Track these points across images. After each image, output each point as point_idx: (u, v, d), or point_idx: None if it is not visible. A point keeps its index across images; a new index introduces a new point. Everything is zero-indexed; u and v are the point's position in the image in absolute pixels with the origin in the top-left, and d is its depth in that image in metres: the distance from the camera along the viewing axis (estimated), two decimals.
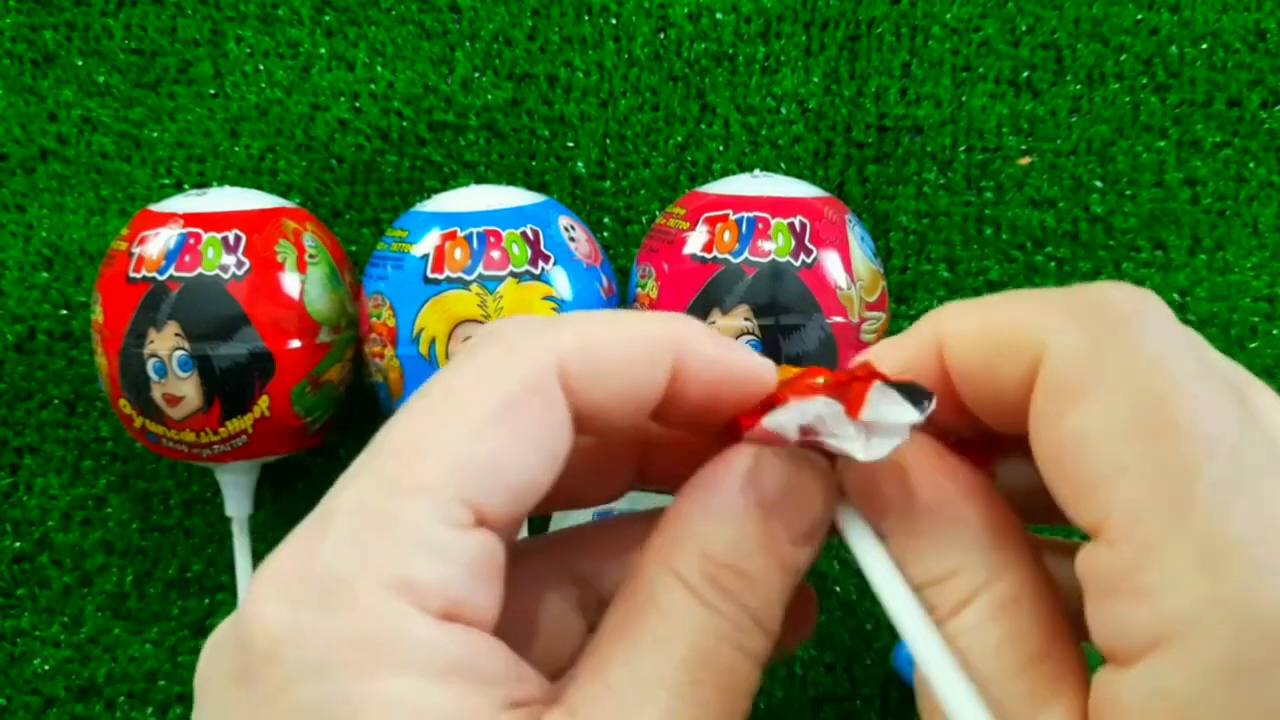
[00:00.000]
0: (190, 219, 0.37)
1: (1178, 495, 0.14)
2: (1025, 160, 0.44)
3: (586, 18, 0.45)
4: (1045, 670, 0.16)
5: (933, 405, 0.17)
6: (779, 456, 0.18)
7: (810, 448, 0.18)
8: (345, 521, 0.16)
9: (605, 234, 0.45)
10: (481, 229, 0.37)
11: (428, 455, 0.16)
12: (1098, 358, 0.16)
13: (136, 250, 0.37)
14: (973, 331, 0.18)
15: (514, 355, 0.17)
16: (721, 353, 0.18)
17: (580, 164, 0.45)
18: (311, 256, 0.38)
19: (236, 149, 0.45)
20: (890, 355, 0.19)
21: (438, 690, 0.15)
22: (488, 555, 0.16)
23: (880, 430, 0.17)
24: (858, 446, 0.17)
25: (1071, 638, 0.17)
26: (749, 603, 0.17)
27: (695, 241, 0.37)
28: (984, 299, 0.19)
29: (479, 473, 0.16)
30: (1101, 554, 0.15)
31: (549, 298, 0.36)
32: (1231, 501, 0.14)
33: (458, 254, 0.36)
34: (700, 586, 0.17)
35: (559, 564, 0.21)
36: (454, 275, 0.36)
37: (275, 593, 0.16)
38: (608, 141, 0.45)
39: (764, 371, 0.19)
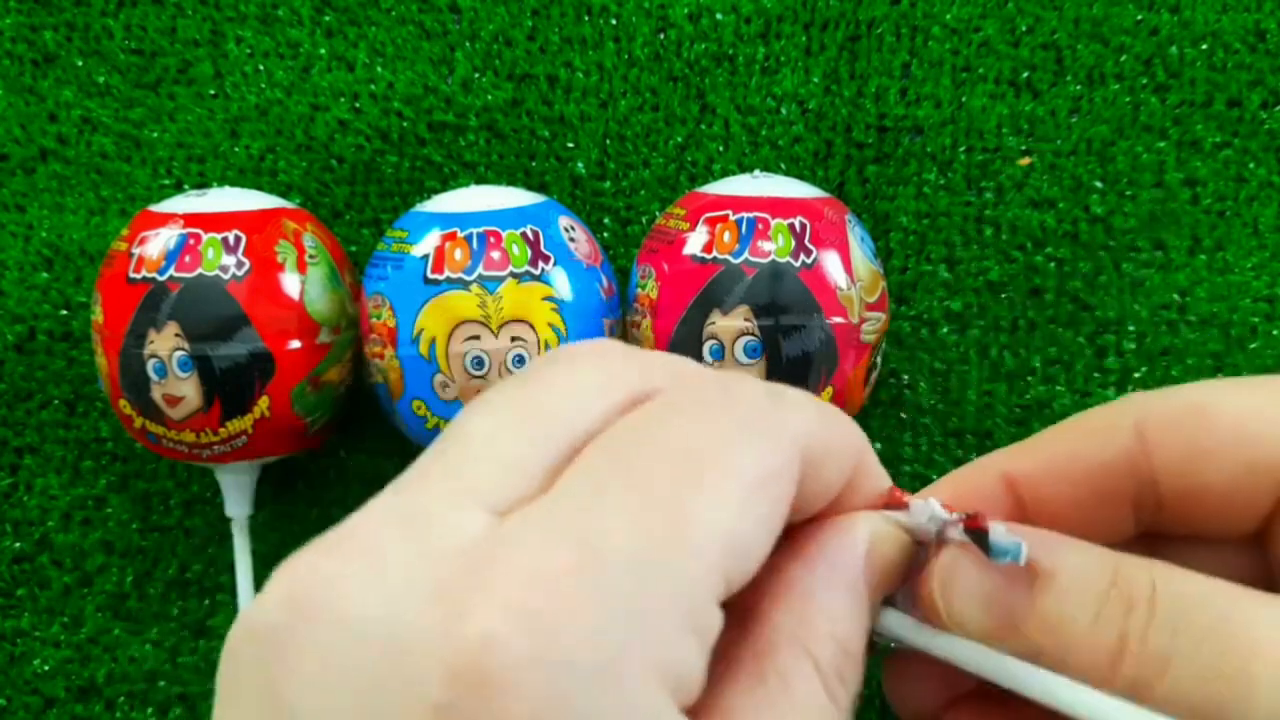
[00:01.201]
0: (190, 219, 0.37)
1: None
2: (1025, 161, 0.44)
3: (586, 18, 0.45)
4: (1234, 589, 0.17)
5: (1022, 558, 0.17)
6: (889, 538, 0.18)
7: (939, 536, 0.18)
8: (622, 573, 0.13)
9: (605, 234, 0.45)
10: (481, 229, 0.37)
11: (701, 518, 0.14)
12: (1197, 389, 0.17)
13: (136, 250, 0.37)
14: (1046, 450, 0.19)
15: (768, 427, 0.16)
16: (883, 472, 0.19)
17: (580, 164, 0.45)
18: (311, 257, 0.38)
19: (236, 149, 0.45)
20: (951, 490, 0.20)
21: None
22: (717, 632, 0.15)
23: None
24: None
25: None
26: (854, 689, 0.17)
27: (695, 242, 0.37)
28: (1033, 436, 0.19)
29: (736, 548, 0.15)
30: None
31: (549, 298, 0.36)
32: None
33: (458, 254, 0.36)
34: (830, 676, 0.17)
35: None
36: (454, 276, 0.36)
37: (535, 643, 0.12)
38: (608, 142, 0.45)
39: (888, 498, 0.20)
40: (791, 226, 0.37)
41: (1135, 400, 0.18)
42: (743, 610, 0.17)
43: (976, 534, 0.17)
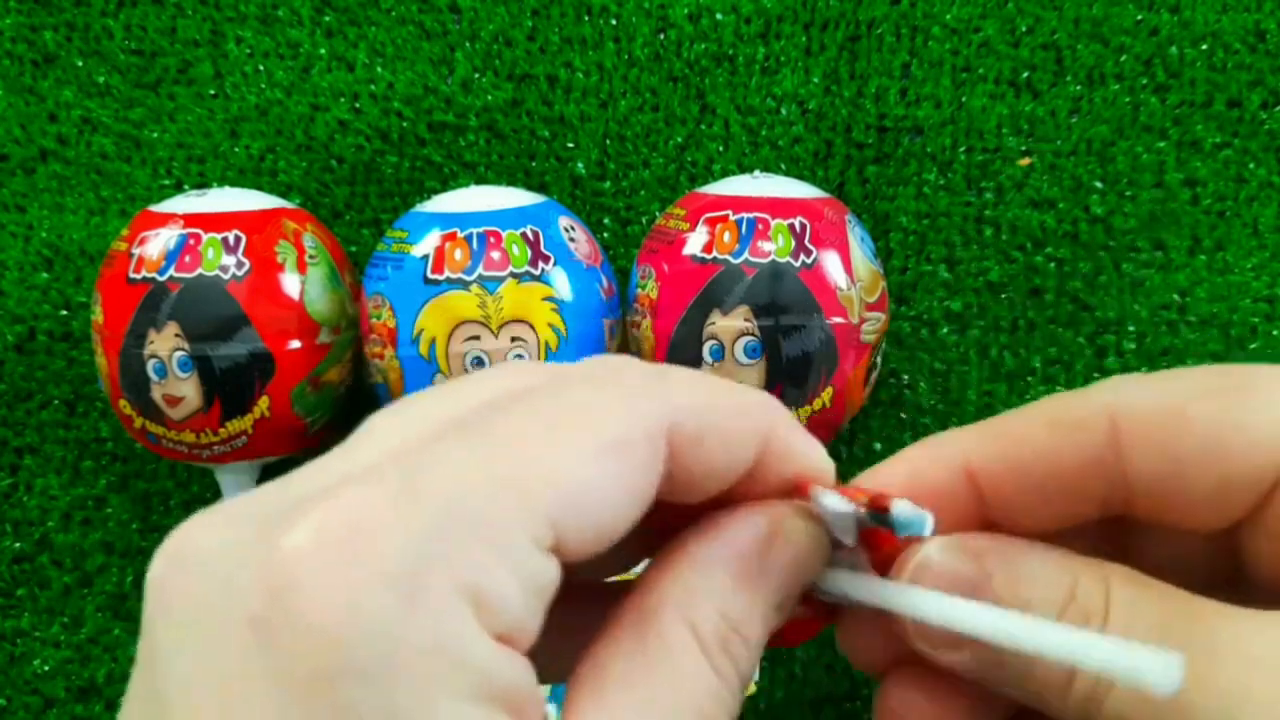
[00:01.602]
0: (190, 219, 0.37)
1: None
2: (1025, 161, 0.44)
3: (586, 18, 0.45)
4: (1208, 602, 0.17)
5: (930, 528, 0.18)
6: (797, 529, 0.18)
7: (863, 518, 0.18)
8: (437, 504, 0.14)
9: (605, 234, 0.45)
10: (481, 229, 0.37)
11: (535, 465, 0.15)
12: (1174, 380, 0.17)
13: (136, 251, 0.37)
14: (1013, 441, 0.19)
15: (634, 398, 0.16)
16: (805, 447, 0.19)
17: (580, 165, 0.45)
18: (311, 257, 0.38)
19: (236, 149, 0.45)
20: (906, 474, 0.20)
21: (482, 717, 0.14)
22: (551, 586, 0.15)
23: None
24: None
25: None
26: (744, 670, 0.17)
27: (695, 242, 0.37)
28: (993, 419, 0.19)
29: (574, 501, 0.15)
30: None
31: (549, 298, 0.36)
32: None
33: (458, 254, 0.36)
34: (714, 649, 0.17)
35: None
36: (454, 276, 0.36)
37: (340, 554, 0.13)
38: (608, 142, 0.45)
39: (829, 474, 0.19)
40: (791, 226, 0.37)
41: (1108, 393, 0.18)
42: (641, 589, 0.18)
43: (880, 516, 0.17)
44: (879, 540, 0.18)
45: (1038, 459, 0.18)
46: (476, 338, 0.36)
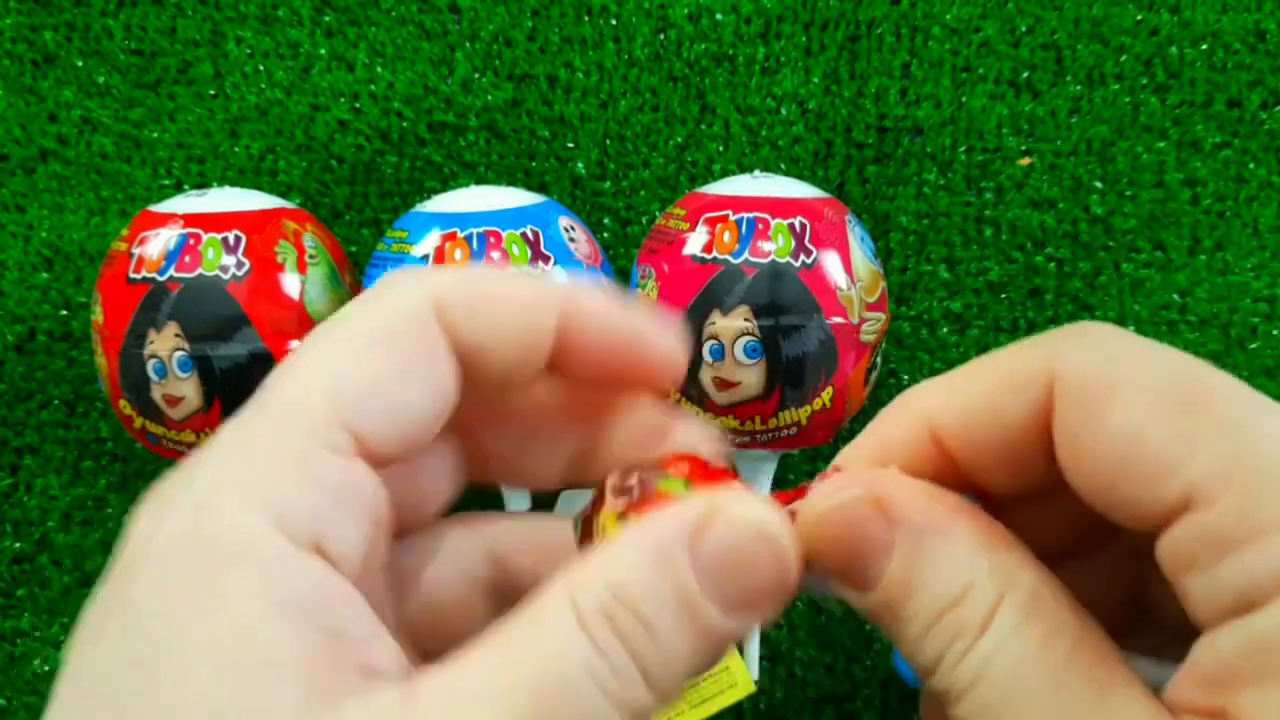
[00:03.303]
0: (190, 219, 0.37)
1: (1255, 445, 0.15)
2: (1025, 161, 0.44)
3: (586, 18, 0.45)
4: (1092, 653, 0.16)
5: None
6: (734, 522, 0.17)
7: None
8: (220, 443, 0.16)
9: (605, 234, 0.45)
10: (481, 229, 0.37)
11: (301, 379, 0.16)
12: (1113, 362, 0.16)
13: (136, 251, 0.37)
14: (963, 399, 0.18)
15: (389, 291, 0.17)
16: (612, 311, 0.18)
17: (580, 164, 0.45)
18: (311, 257, 0.38)
19: (236, 149, 0.45)
20: (877, 442, 0.19)
21: (274, 624, 0.14)
22: (361, 488, 0.16)
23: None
24: None
25: (1095, 623, 0.17)
26: (642, 652, 0.16)
27: (695, 242, 0.37)
28: (954, 372, 0.19)
29: (355, 395, 0.16)
30: (1198, 522, 0.15)
31: None
32: None
33: (458, 254, 0.36)
34: (590, 618, 0.16)
35: (478, 544, 0.20)
36: None
37: (148, 506, 0.16)
38: (608, 142, 0.45)
39: (661, 338, 0.19)
40: (791, 226, 0.37)
41: (1050, 347, 0.17)
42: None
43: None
44: None
45: (988, 415, 0.18)
46: None
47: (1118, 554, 0.19)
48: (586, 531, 0.18)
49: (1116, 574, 0.20)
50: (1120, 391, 0.16)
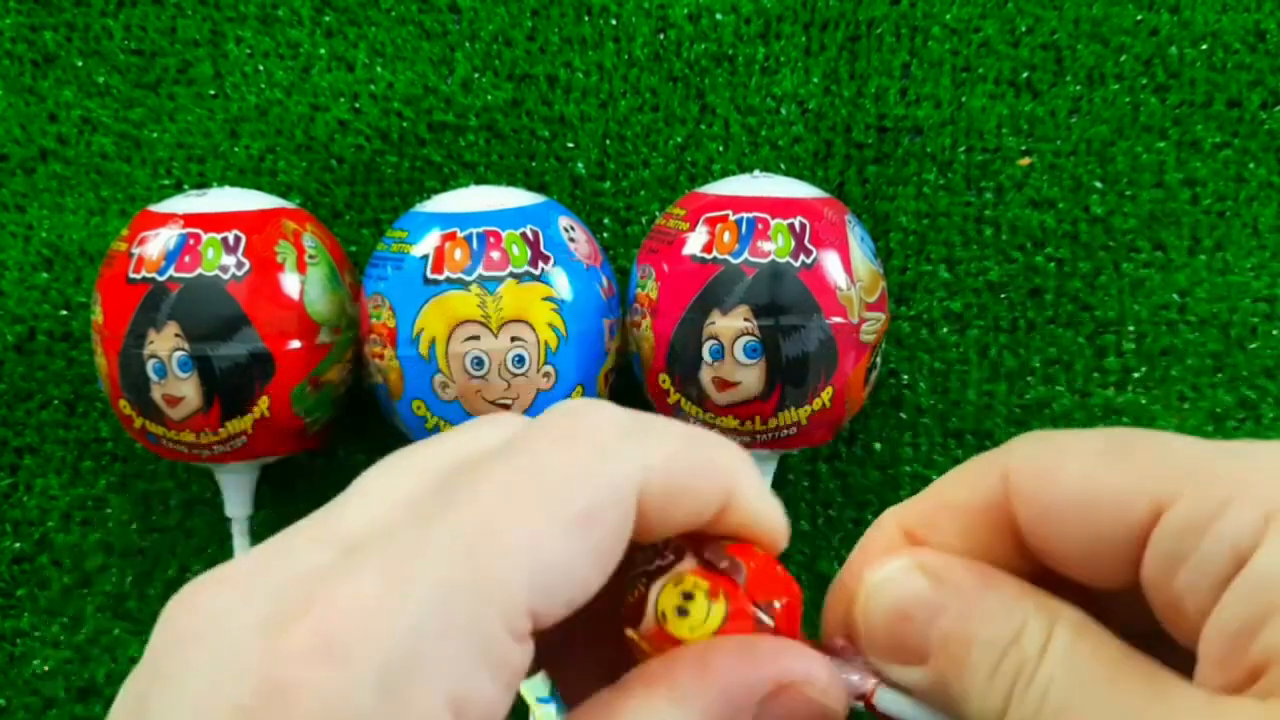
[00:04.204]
0: (190, 219, 0.37)
1: (1197, 454, 0.16)
2: (1025, 161, 0.44)
3: (586, 18, 0.45)
4: (1142, 660, 0.16)
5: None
6: (803, 700, 0.17)
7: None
8: (421, 605, 0.14)
9: (605, 234, 0.45)
10: (481, 229, 0.37)
11: (511, 551, 0.15)
12: (1054, 438, 0.17)
13: (136, 251, 0.37)
14: (926, 504, 0.19)
15: (605, 461, 0.16)
16: (765, 507, 0.18)
17: (580, 164, 0.45)
18: (311, 257, 0.38)
19: (236, 149, 0.46)
20: (863, 556, 0.20)
21: None
22: (524, 668, 0.16)
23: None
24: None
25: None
26: None
27: (695, 242, 0.37)
28: (923, 491, 0.19)
29: (550, 584, 0.15)
30: (1171, 520, 0.16)
31: (549, 298, 0.36)
32: None
33: (457, 254, 0.36)
34: None
35: None
36: (454, 276, 0.36)
37: (329, 657, 0.14)
38: (608, 142, 0.45)
39: (782, 539, 0.19)
40: (791, 226, 0.37)
41: (1013, 445, 0.18)
42: (616, 689, 0.17)
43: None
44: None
45: (949, 509, 0.19)
46: (476, 338, 0.36)
47: None
48: (638, 604, 0.18)
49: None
50: (1067, 453, 0.17)
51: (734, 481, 0.18)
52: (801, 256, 0.36)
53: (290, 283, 0.37)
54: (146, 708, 0.15)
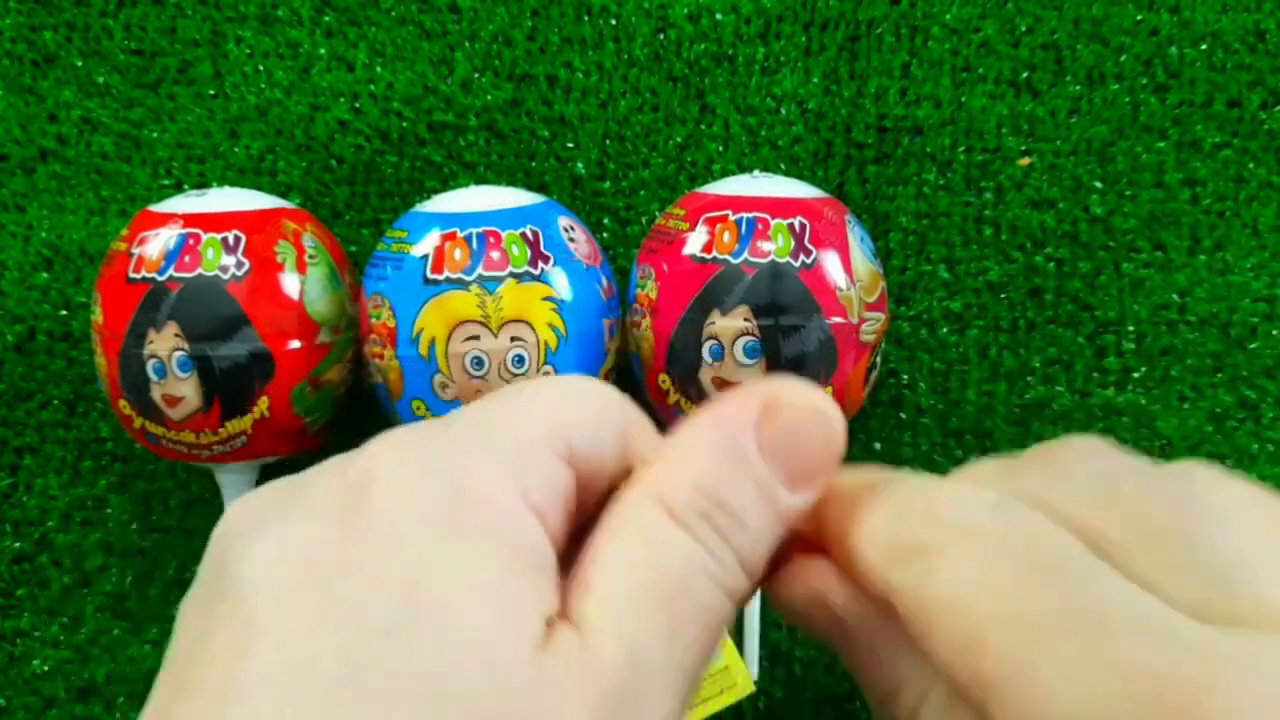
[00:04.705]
0: (190, 219, 0.37)
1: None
2: (1025, 161, 0.44)
3: (586, 18, 0.45)
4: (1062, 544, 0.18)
5: None
6: (795, 407, 0.18)
7: None
8: (465, 425, 0.18)
9: (605, 234, 0.45)
10: (481, 229, 0.37)
11: (539, 405, 0.19)
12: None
13: (136, 251, 0.37)
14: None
15: (576, 378, 0.20)
16: (654, 440, 0.20)
17: (580, 164, 0.45)
18: (311, 257, 0.38)
19: (236, 149, 0.46)
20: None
21: (515, 575, 0.16)
22: (569, 489, 0.18)
23: None
24: None
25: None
26: (738, 542, 0.17)
27: (695, 242, 0.37)
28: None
29: (572, 423, 0.18)
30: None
31: (549, 298, 0.36)
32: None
33: (457, 254, 0.36)
34: (688, 518, 0.17)
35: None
36: (454, 276, 0.36)
37: (385, 451, 0.17)
38: (607, 142, 0.45)
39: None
40: (791, 226, 0.37)
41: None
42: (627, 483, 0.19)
43: None
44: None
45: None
46: (476, 338, 0.36)
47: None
48: None
49: None
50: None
51: (626, 422, 0.20)
52: (801, 256, 0.36)
53: (290, 283, 0.37)
54: (228, 566, 0.17)
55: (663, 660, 0.16)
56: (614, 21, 0.45)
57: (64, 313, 0.45)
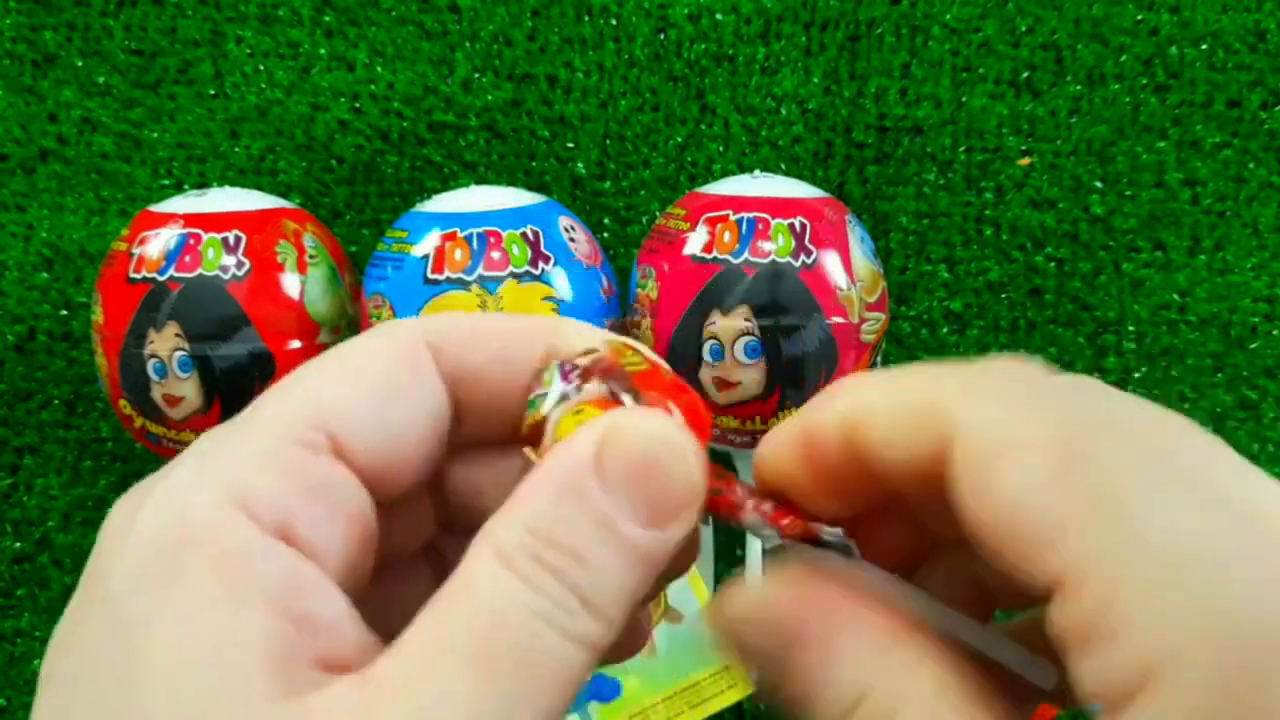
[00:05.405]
0: (190, 219, 0.37)
1: (1127, 525, 0.14)
2: (1025, 161, 0.44)
3: (586, 18, 0.45)
4: None
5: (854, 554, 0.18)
6: (631, 437, 0.17)
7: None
8: (198, 446, 0.17)
9: (605, 234, 0.45)
10: (481, 229, 0.37)
11: (282, 393, 0.17)
12: (1004, 421, 0.16)
13: (137, 251, 0.37)
14: (879, 419, 0.18)
15: (383, 327, 0.18)
16: (594, 340, 0.19)
17: (580, 164, 0.45)
18: (311, 257, 0.38)
19: (236, 149, 0.46)
20: (801, 433, 0.20)
21: (239, 612, 0.15)
22: (337, 485, 0.17)
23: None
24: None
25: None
26: (577, 581, 0.16)
27: (695, 242, 0.37)
28: (889, 378, 0.19)
29: (332, 401, 0.17)
30: (1069, 608, 0.15)
31: (549, 298, 0.36)
32: (1167, 510, 0.14)
33: (458, 254, 0.36)
34: (517, 560, 0.16)
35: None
36: (454, 276, 0.36)
37: (124, 503, 0.16)
38: (608, 142, 0.45)
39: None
40: (791, 226, 0.37)
41: (956, 388, 0.18)
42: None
43: (810, 541, 0.19)
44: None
45: (889, 450, 0.18)
46: None
47: (960, 558, 0.20)
48: (536, 434, 0.18)
49: (960, 573, 0.20)
50: (1007, 456, 0.16)
51: (546, 330, 0.19)
52: (802, 256, 0.36)
53: (290, 283, 0.37)
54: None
55: (478, 714, 0.15)
56: (614, 21, 0.45)
57: (64, 313, 0.45)
